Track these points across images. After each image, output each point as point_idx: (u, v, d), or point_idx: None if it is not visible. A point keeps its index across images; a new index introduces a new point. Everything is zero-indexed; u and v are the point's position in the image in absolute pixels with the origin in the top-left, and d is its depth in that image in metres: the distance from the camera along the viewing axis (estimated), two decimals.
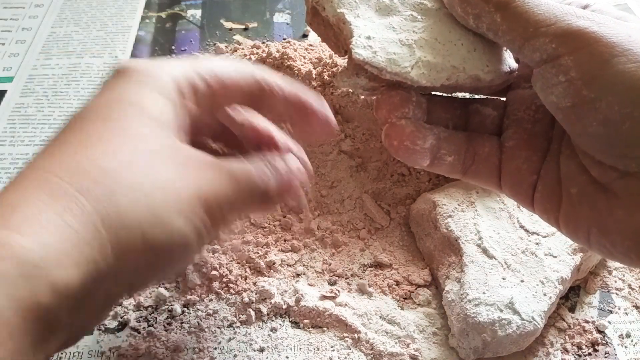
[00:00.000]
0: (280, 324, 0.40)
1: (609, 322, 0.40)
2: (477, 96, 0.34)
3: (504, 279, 0.38)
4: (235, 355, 0.38)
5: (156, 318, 0.39)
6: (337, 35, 0.31)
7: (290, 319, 0.40)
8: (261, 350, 0.38)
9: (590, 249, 0.28)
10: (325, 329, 0.39)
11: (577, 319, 0.40)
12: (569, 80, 0.24)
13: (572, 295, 0.42)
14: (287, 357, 0.38)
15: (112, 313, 0.40)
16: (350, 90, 0.46)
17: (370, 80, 0.29)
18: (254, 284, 0.41)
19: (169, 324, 0.39)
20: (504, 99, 0.32)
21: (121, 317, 0.39)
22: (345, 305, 0.40)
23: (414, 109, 0.30)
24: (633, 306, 0.41)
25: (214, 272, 0.42)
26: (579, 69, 0.24)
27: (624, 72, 0.23)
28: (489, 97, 0.33)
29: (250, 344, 0.38)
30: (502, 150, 0.30)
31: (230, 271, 0.42)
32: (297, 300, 0.41)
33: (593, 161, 0.26)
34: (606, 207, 0.25)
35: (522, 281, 0.38)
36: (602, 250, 0.27)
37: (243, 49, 0.59)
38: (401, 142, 0.29)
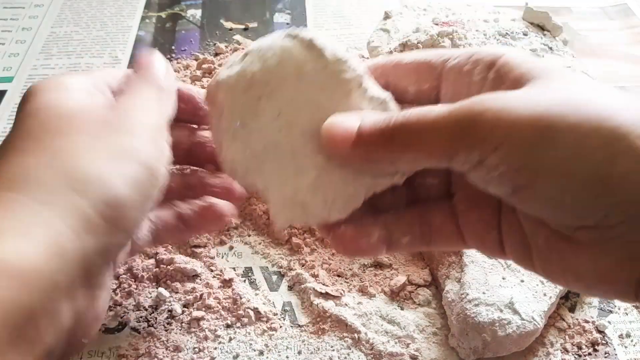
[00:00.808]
0: (280, 324, 0.40)
1: (609, 322, 0.40)
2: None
3: (504, 278, 0.38)
4: (235, 356, 0.38)
5: (156, 318, 0.39)
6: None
7: (290, 319, 0.40)
8: (261, 350, 0.38)
9: (570, 289, 0.29)
10: (325, 328, 0.39)
11: (577, 319, 0.40)
12: (501, 174, 0.25)
13: (572, 295, 0.42)
14: (287, 358, 0.38)
15: (111, 313, 0.40)
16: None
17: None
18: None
19: (169, 324, 0.39)
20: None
21: (121, 317, 0.39)
22: (345, 305, 0.40)
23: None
24: (633, 306, 0.41)
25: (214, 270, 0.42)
26: (505, 163, 0.24)
27: (549, 151, 0.23)
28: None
29: (250, 344, 0.38)
30: (456, 215, 0.31)
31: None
32: (297, 301, 0.41)
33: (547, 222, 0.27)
34: (573, 255, 0.26)
35: (522, 281, 0.38)
36: (582, 291, 0.28)
37: (243, 49, 0.59)
38: (346, 247, 0.30)
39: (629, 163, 0.23)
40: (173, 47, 0.65)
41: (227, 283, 0.41)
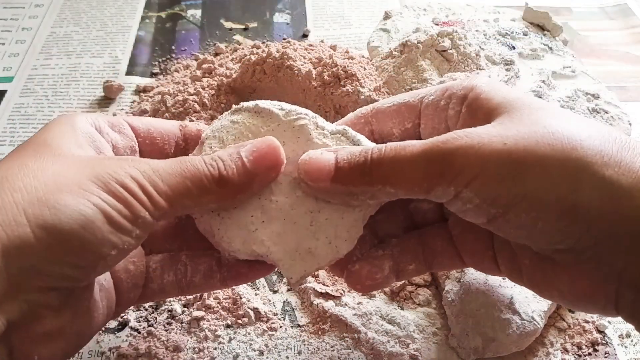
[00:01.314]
0: (280, 324, 0.40)
1: (609, 322, 0.40)
2: None
3: (504, 279, 0.38)
4: (235, 356, 0.38)
5: (156, 318, 0.40)
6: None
7: (290, 319, 0.40)
8: (261, 350, 0.38)
9: (559, 304, 0.30)
10: (325, 328, 0.39)
11: (577, 319, 0.40)
12: (476, 205, 0.26)
13: None
14: (287, 358, 0.38)
15: None
16: None
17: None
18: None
19: (169, 324, 0.39)
20: None
21: (121, 317, 0.39)
22: (345, 305, 0.40)
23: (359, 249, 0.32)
24: None
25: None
26: (479, 196, 0.26)
27: (518, 183, 0.25)
28: None
29: (250, 344, 0.38)
30: (453, 238, 0.32)
31: None
32: (297, 301, 0.41)
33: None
34: (554, 274, 0.27)
35: None
36: (568, 307, 0.30)
37: (243, 49, 0.59)
38: (364, 284, 0.31)
39: (592, 191, 0.24)
40: (173, 47, 0.65)
41: None
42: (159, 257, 0.32)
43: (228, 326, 0.39)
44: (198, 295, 0.40)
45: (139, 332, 0.39)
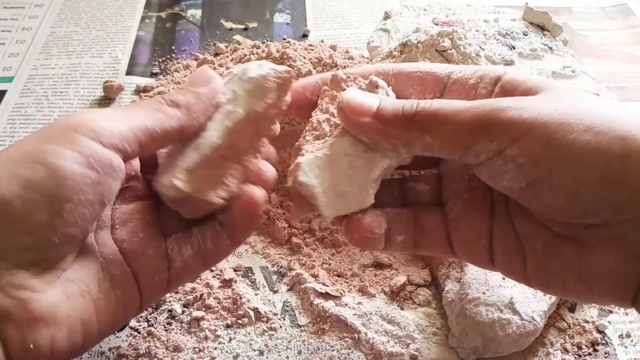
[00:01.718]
0: (280, 324, 0.40)
1: (609, 322, 0.40)
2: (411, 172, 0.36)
3: (504, 278, 0.38)
4: (235, 356, 0.38)
5: (156, 318, 0.40)
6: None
7: (290, 319, 0.40)
8: (261, 350, 0.38)
9: (564, 297, 0.30)
10: (325, 328, 0.39)
11: (577, 319, 0.40)
12: (518, 165, 0.26)
13: None
14: (287, 358, 0.38)
15: None
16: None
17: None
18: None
19: (169, 324, 0.39)
20: (436, 171, 0.34)
21: None
22: (345, 305, 0.40)
23: None
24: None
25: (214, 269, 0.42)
26: (525, 154, 0.25)
27: (567, 145, 0.25)
28: (421, 172, 0.35)
29: (250, 344, 0.38)
30: (447, 222, 0.31)
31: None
32: (297, 301, 0.41)
33: (554, 221, 0.27)
34: (577, 256, 0.27)
35: None
36: (579, 296, 0.28)
37: (243, 49, 0.59)
38: (362, 234, 0.30)
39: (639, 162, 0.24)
40: (173, 47, 0.65)
41: (227, 283, 0.41)
42: (173, 237, 0.31)
43: (228, 326, 0.39)
44: (198, 295, 0.40)
45: (139, 332, 0.39)
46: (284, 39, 0.61)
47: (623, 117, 0.26)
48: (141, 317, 0.40)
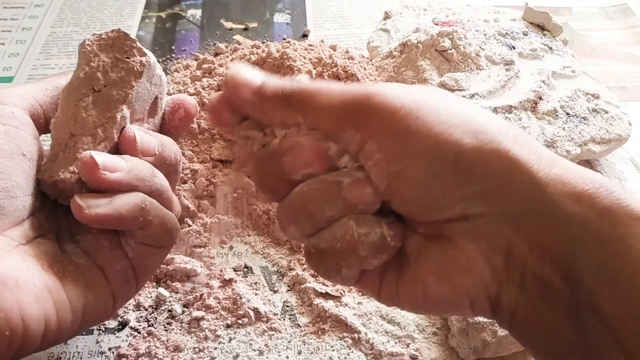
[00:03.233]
0: (280, 324, 0.40)
1: None
2: None
3: None
4: (235, 356, 0.38)
5: (156, 318, 0.39)
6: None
7: (290, 319, 0.40)
8: (261, 350, 0.38)
9: (428, 308, 0.27)
10: (325, 328, 0.39)
11: None
12: (376, 162, 0.25)
13: None
14: (287, 358, 0.38)
15: None
16: None
17: None
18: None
19: (169, 324, 0.39)
20: None
21: (121, 317, 0.39)
22: (345, 305, 0.40)
23: None
24: None
25: (214, 269, 0.42)
26: (381, 152, 0.25)
27: (421, 137, 0.25)
28: None
29: (250, 344, 0.38)
30: None
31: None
32: (297, 301, 0.41)
33: (416, 221, 0.27)
34: (441, 254, 0.26)
35: None
36: (440, 301, 0.26)
37: (243, 49, 0.59)
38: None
39: (490, 156, 0.24)
40: (173, 47, 0.65)
41: (227, 283, 0.41)
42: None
43: (228, 326, 0.39)
44: (198, 295, 0.40)
45: (139, 332, 0.39)
46: (284, 39, 0.61)
47: (479, 115, 0.26)
48: (141, 317, 0.40)
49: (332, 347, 0.38)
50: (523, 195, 0.24)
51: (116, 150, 0.31)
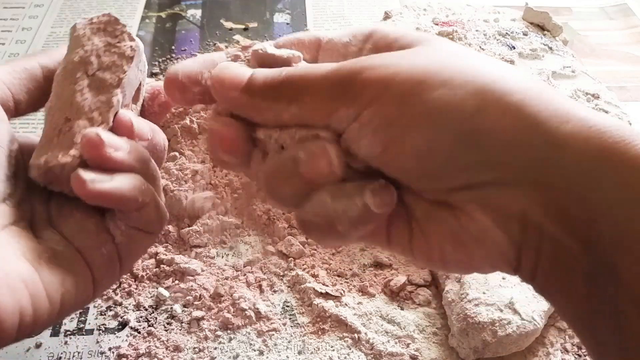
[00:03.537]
0: (280, 324, 0.40)
1: None
2: None
3: (503, 278, 0.38)
4: (235, 356, 0.38)
5: (156, 318, 0.40)
6: None
7: (290, 319, 0.40)
8: (261, 350, 0.38)
9: (446, 270, 0.27)
10: (325, 328, 0.39)
11: None
12: (374, 129, 0.24)
13: None
14: (287, 357, 0.38)
15: (111, 313, 0.40)
16: None
17: None
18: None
19: (169, 324, 0.39)
20: None
21: (121, 317, 0.39)
22: (345, 305, 0.40)
23: None
24: None
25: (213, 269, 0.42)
26: (378, 117, 0.24)
27: (421, 102, 0.23)
28: None
29: (250, 344, 0.38)
30: None
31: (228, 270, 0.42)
32: (297, 301, 0.41)
33: (419, 187, 0.25)
34: (455, 220, 0.25)
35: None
36: (460, 266, 0.26)
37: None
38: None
39: (496, 117, 0.23)
40: (173, 47, 0.65)
41: (227, 283, 0.41)
42: (108, 214, 0.31)
43: (228, 326, 0.39)
44: (198, 295, 0.40)
45: (139, 332, 0.39)
46: None
47: (488, 70, 0.24)
48: (141, 317, 0.40)
49: (332, 347, 0.38)
50: (534, 157, 0.22)
51: None
